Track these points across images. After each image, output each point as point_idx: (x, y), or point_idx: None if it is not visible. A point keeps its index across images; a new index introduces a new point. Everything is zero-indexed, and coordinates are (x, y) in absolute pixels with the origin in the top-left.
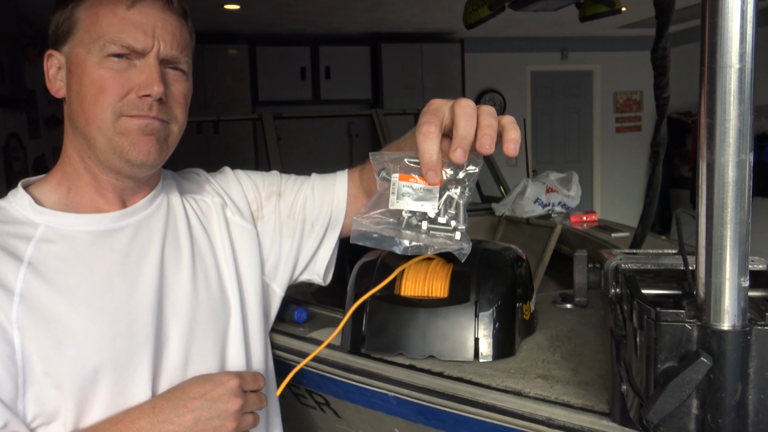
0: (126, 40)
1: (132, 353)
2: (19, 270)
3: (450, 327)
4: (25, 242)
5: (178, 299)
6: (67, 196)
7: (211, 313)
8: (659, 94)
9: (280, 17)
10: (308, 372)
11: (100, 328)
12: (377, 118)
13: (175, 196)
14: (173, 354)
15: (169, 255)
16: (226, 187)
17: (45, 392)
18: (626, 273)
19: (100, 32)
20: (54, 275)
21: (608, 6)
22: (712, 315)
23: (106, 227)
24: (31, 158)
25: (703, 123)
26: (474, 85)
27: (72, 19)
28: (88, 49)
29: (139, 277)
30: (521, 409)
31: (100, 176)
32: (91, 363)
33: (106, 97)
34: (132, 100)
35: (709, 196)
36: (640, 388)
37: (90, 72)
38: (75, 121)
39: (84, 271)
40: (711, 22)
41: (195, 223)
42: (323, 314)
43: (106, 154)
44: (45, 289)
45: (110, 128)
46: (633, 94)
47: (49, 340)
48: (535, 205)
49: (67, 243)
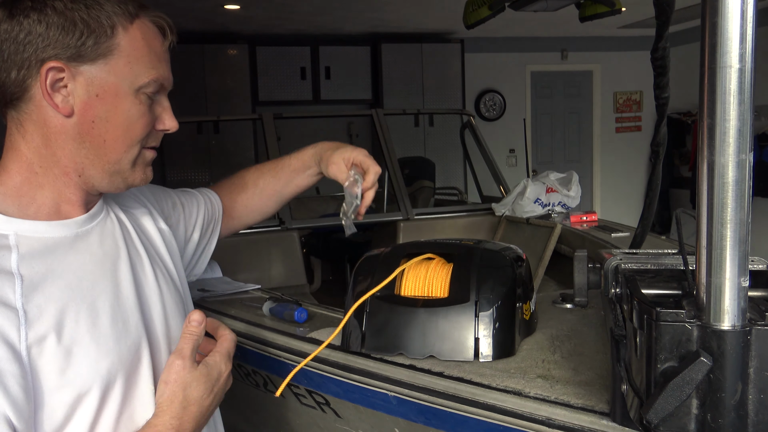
0: (164, 80)
1: (134, 351)
2: (14, 285)
3: (450, 327)
4: (6, 253)
5: (151, 296)
6: (29, 206)
7: (175, 308)
8: (659, 95)
9: (280, 17)
10: (308, 372)
11: (103, 330)
12: (377, 118)
13: (110, 200)
14: (162, 348)
15: (131, 253)
16: (147, 196)
17: (59, 408)
18: (626, 273)
19: (143, 68)
20: (46, 285)
21: (608, 6)
22: (712, 315)
23: (76, 231)
24: None
25: (704, 123)
26: (474, 85)
27: (112, 43)
28: (130, 82)
29: (118, 276)
30: (521, 408)
31: (78, 187)
32: (104, 367)
33: (137, 131)
34: (153, 132)
35: (710, 196)
36: (640, 387)
37: (127, 106)
38: (92, 144)
39: (70, 277)
40: (711, 23)
41: (137, 231)
42: (323, 314)
43: (112, 177)
44: (43, 301)
45: (131, 161)
46: (633, 94)
47: (60, 354)
48: (535, 205)
49: (47, 251)
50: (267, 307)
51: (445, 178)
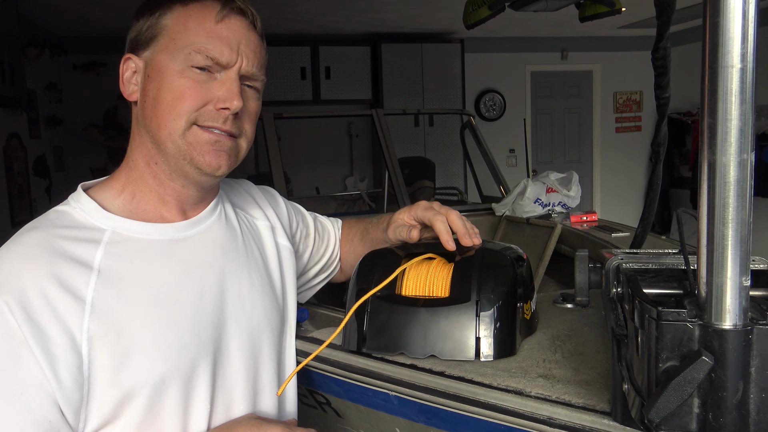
0: (212, 52)
1: (195, 365)
2: (90, 278)
3: (451, 326)
4: (93, 247)
5: (237, 311)
6: (131, 202)
7: (267, 327)
8: (660, 94)
9: (280, 17)
10: (309, 371)
11: (168, 339)
12: (377, 118)
13: (230, 209)
14: (233, 366)
15: (228, 267)
16: (277, 210)
17: (108, 403)
18: (627, 272)
19: (187, 41)
20: (123, 284)
21: (608, 6)
22: (713, 314)
23: (173, 237)
24: (32, 158)
25: (705, 123)
26: (474, 85)
27: (158, 26)
28: (172, 56)
29: (203, 288)
30: (522, 408)
31: (166, 182)
32: (158, 374)
33: (183, 104)
34: (209, 111)
35: (711, 195)
36: (641, 387)
37: (171, 79)
38: (147, 125)
39: (152, 281)
40: (712, 22)
41: (249, 240)
42: (324, 314)
43: (176, 159)
44: (115, 299)
45: (181, 136)
46: (633, 94)
47: (118, 351)
48: (535, 205)
49: (136, 251)
50: None
51: (445, 178)
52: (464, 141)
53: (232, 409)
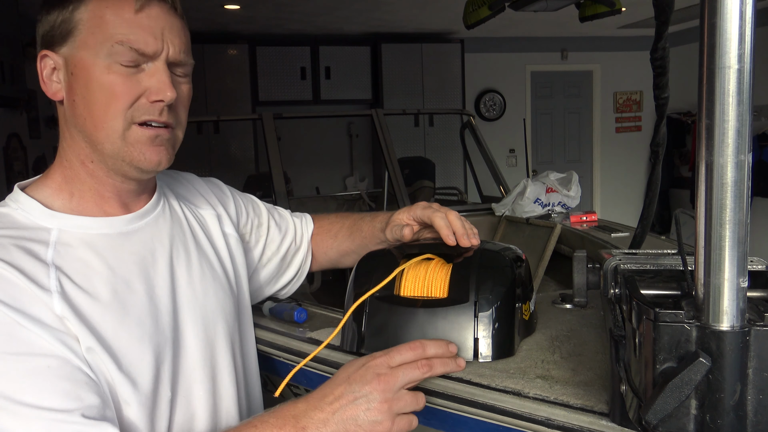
0: (136, 44)
1: (159, 352)
2: (49, 272)
3: (449, 327)
4: (43, 247)
5: (190, 300)
6: (70, 201)
7: (221, 314)
8: (659, 95)
9: (280, 17)
10: (308, 372)
11: (129, 331)
12: (377, 118)
13: (174, 200)
14: (190, 353)
15: (177, 258)
16: (223, 200)
17: None
18: (625, 273)
19: (107, 34)
20: (81, 279)
21: (608, 6)
22: (711, 315)
23: (120, 230)
24: (32, 158)
25: (703, 124)
26: (474, 85)
27: (73, 20)
28: (95, 52)
29: (154, 279)
30: (520, 409)
31: (103, 179)
32: (128, 363)
33: (117, 103)
34: (143, 104)
35: (708, 196)
36: (639, 388)
37: (98, 76)
38: (81, 126)
39: (107, 274)
40: (710, 23)
41: (197, 229)
42: (323, 314)
43: (114, 159)
44: (76, 291)
45: (120, 137)
46: (633, 94)
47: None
48: (535, 205)
49: (86, 247)
50: (267, 307)
51: (445, 178)
52: (464, 141)
53: (192, 396)
